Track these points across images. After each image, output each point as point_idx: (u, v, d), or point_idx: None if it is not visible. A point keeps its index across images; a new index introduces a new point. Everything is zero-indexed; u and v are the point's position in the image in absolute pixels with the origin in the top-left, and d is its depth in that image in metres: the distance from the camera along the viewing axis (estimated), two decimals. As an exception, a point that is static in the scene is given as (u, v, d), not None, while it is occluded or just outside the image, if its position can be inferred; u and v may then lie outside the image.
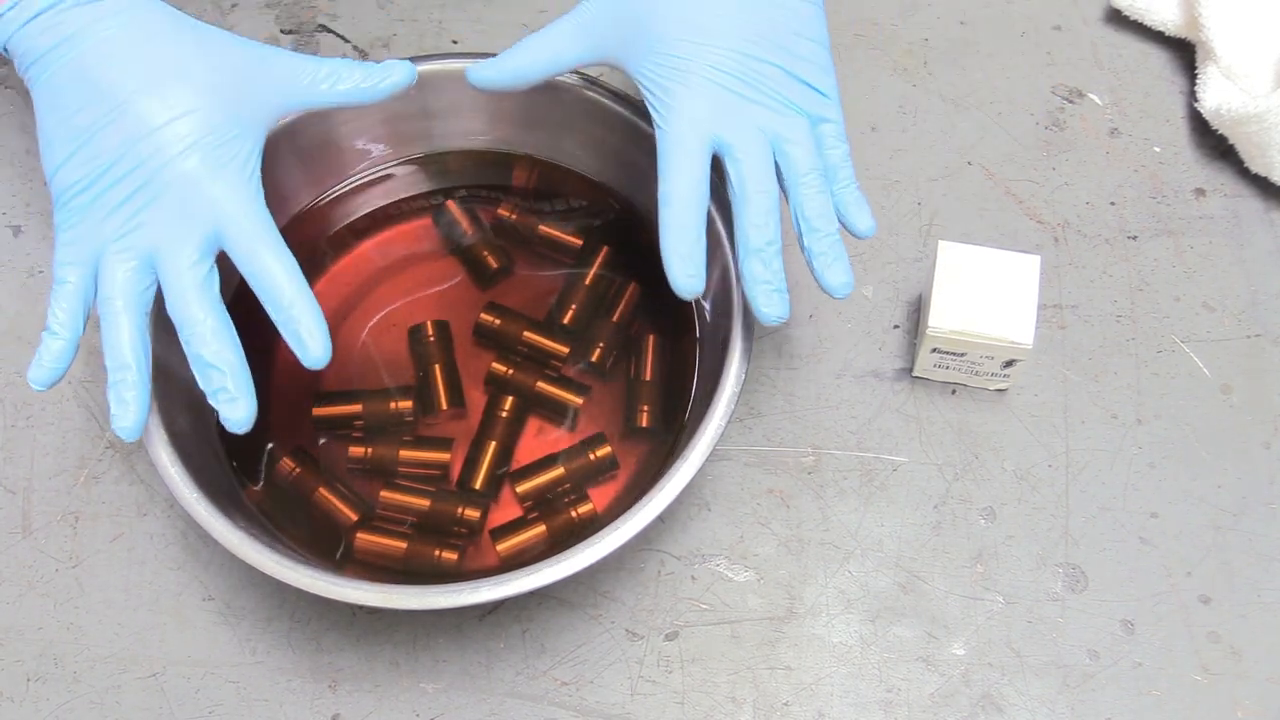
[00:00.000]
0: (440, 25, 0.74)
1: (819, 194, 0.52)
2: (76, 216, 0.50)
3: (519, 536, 0.57)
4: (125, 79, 0.49)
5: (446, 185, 0.66)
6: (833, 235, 0.53)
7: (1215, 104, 0.67)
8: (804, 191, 0.52)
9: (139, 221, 0.49)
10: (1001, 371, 0.61)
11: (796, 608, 0.59)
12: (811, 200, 0.52)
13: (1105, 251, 0.67)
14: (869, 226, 0.54)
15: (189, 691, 0.58)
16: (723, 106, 0.51)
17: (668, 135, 0.52)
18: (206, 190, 0.49)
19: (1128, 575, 0.60)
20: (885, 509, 0.61)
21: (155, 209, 0.49)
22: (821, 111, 0.53)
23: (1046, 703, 0.57)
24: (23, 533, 0.61)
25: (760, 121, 0.52)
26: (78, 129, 0.49)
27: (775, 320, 0.52)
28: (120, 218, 0.49)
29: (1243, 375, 0.64)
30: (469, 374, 0.61)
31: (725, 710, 0.57)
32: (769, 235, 0.51)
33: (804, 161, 0.52)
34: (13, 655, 0.58)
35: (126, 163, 0.49)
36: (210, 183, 0.49)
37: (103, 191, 0.49)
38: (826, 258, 0.52)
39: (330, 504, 0.58)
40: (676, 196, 0.51)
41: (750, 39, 0.52)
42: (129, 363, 0.50)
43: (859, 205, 0.54)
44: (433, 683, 0.58)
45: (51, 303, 0.50)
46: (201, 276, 0.50)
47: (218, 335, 0.49)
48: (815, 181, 0.52)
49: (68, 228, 0.50)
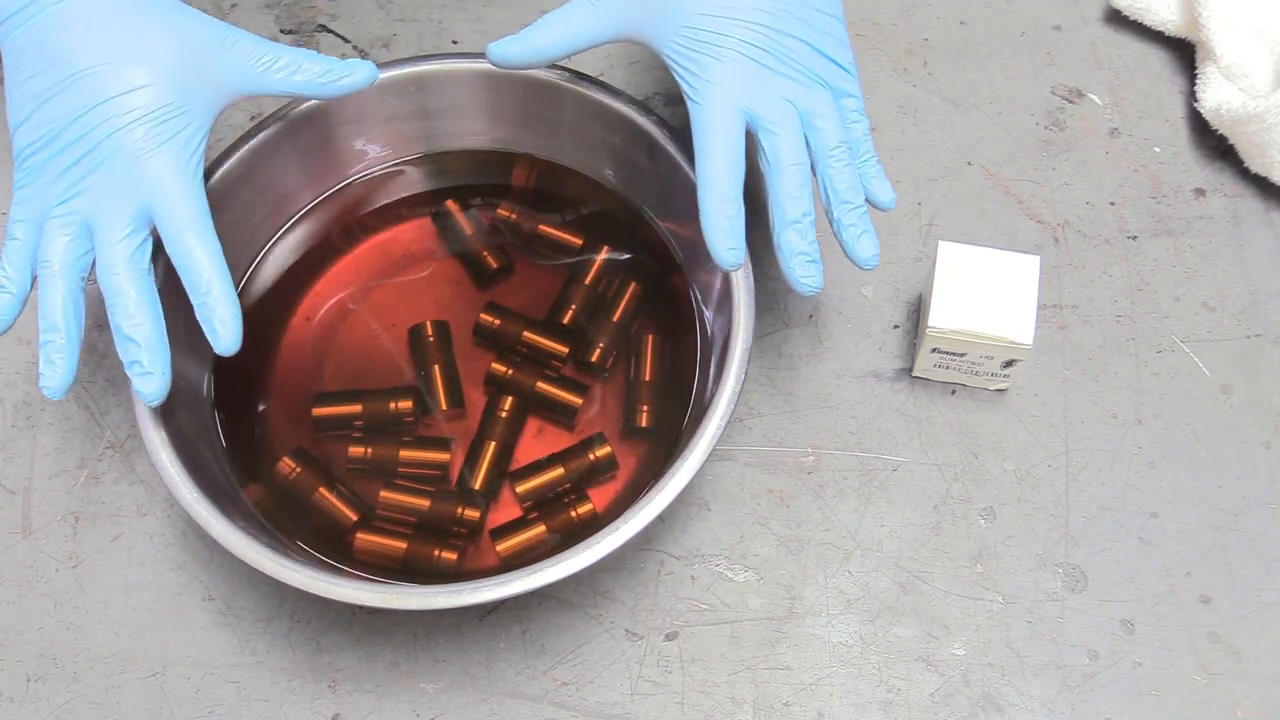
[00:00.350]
0: (440, 25, 0.74)
1: (847, 167, 0.53)
2: (29, 176, 0.51)
3: (519, 536, 0.58)
4: (83, 47, 0.50)
5: (446, 185, 0.66)
6: (861, 208, 0.54)
7: (1215, 104, 0.67)
8: (833, 165, 0.53)
9: (81, 189, 0.50)
10: (1001, 371, 0.61)
11: (796, 608, 0.59)
12: (840, 173, 0.53)
13: (1105, 251, 0.67)
14: (890, 199, 0.55)
15: (189, 691, 0.58)
16: (754, 80, 0.52)
17: (703, 110, 0.52)
18: (144, 165, 0.50)
19: (1128, 575, 0.60)
20: (885, 509, 0.61)
21: (96, 178, 0.50)
22: (843, 85, 0.54)
23: (1046, 703, 0.57)
24: (23, 533, 0.61)
25: (789, 94, 0.53)
26: (35, 93, 0.50)
27: (811, 290, 0.53)
28: (65, 183, 0.51)
29: (1243, 375, 0.64)
30: (469, 374, 0.61)
31: (725, 710, 0.57)
32: (805, 207, 0.52)
33: (832, 135, 0.53)
34: (13, 655, 0.58)
35: (75, 130, 0.50)
36: (149, 157, 0.50)
37: (53, 155, 0.50)
38: (855, 229, 0.54)
39: (330, 504, 0.58)
40: (716, 170, 0.52)
41: (773, 12, 0.52)
42: (59, 325, 0.51)
43: (880, 179, 0.55)
44: (433, 683, 0.58)
45: (2, 258, 0.52)
46: (132, 249, 0.51)
47: (140, 308, 0.50)
48: (843, 155, 0.53)
49: (21, 186, 0.51)
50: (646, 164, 0.61)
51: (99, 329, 0.66)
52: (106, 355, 0.65)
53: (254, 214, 0.62)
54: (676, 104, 0.70)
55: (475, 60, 0.62)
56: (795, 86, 0.53)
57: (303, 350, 0.62)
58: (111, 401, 0.64)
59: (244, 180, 0.60)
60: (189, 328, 0.59)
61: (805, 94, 0.53)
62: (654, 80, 0.71)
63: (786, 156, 0.52)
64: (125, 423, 0.63)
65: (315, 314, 0.63)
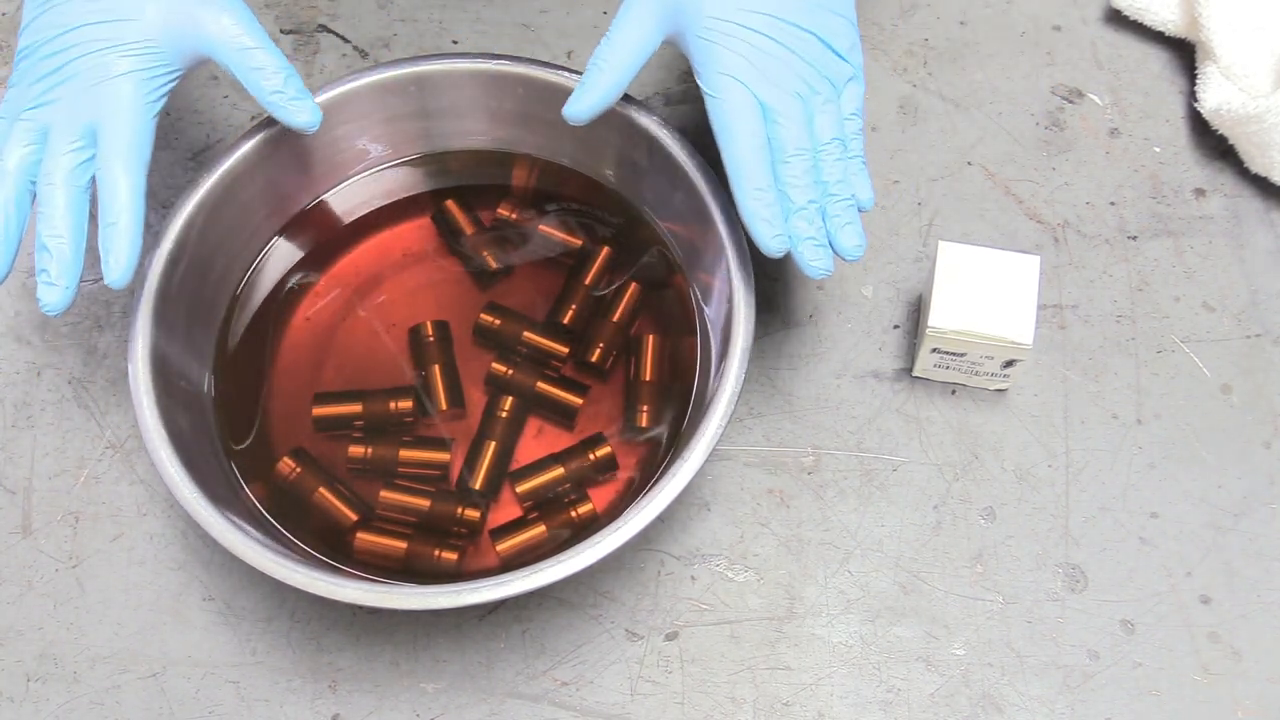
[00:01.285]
0: (440, 25, 0.74)
1: (838, 161, 0.55)
2: (18, 77, 0.54)
3: (519, 536, 0.57)
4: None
5: (446, 185, 0.66)
6: (848, 200, 0.55)
7: (1215, 104, 0.67)
8: (824, 158, 0.54)
9: (50, 99, 0.53)
10: (1001, 371, 0.61)
11: (796, 608, 0.59)
12: (830, 166, 0.54)
13: (1105, 251, 0.67)
14: (870, 199, 0.56)
15: (189, 691, 0.58)
16: (764, 70, 0.53)
17: (720, 101, 0.53)
18: (106, 87, 0.52)
19: (1128, 575, 0.60)
20: (885, 509, 0.61)
21: (64, 90, 0.52)
22: (846, 83, 0.56)
23: (1046, 703, 0.57)
24: (23, 533, 0.61)
25: (796, 86, 0.54)
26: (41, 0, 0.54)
27: (822, 273, 0.54)
28: (39, 89, 0.53)
29: (1243, 375, 0.64)
30: (469, 374, 0.61)
31: (725, 710, 0.57)
32: (811, 194, 0.54)
33: (828, 129, 0.54)
34: (13, 655, 0.58)
35: (60, 42, 0.53)
36: (112, 82, 0.52)
37: (38, 60, 0.53)
38: (840, 220, 0.54)
39: (330, 504, 0.58)
40: (744, 161, 0.53)
41: (787, 8, 0.54)
42: None
43: (862, 178, 0.56)
44: (433, 683, 0.58)
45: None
46: (74, 164, 0.52)
47: (63, 220, 0.52)
48: (836, 150, 0.55)
49: (11, 85, 0.54)
50: (646, 164, 0.61)
51: (98, 329, 0.66)
52: (107, 355, 0.65)
53: (254, 214, 0.62)
54: (676, 104, 0.70)
55: (475, 60, 0.62)
56: (802, 79, 0.54)
57: (303, 350, 0.62)
58: (111, 401, 0.64)
59: (244, 180, 0.60)
60: (190, 328, 0.59)
61: (810, 87, 0.54)
62: (654, 80, 0.71)
63: (792, 145, 0.53)
64: (125, 423, 0.63)
65: (315, 314, 0.63)
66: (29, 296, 0.66)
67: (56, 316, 0.52)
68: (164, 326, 0.56)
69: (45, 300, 0.52)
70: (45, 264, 0.52)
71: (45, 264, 0.52)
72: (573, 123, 0.56)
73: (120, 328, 0.66)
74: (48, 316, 0.53)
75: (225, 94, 0.71)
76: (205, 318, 0.61)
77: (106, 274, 0.52)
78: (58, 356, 0.65)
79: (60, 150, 0.52)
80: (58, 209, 0.52)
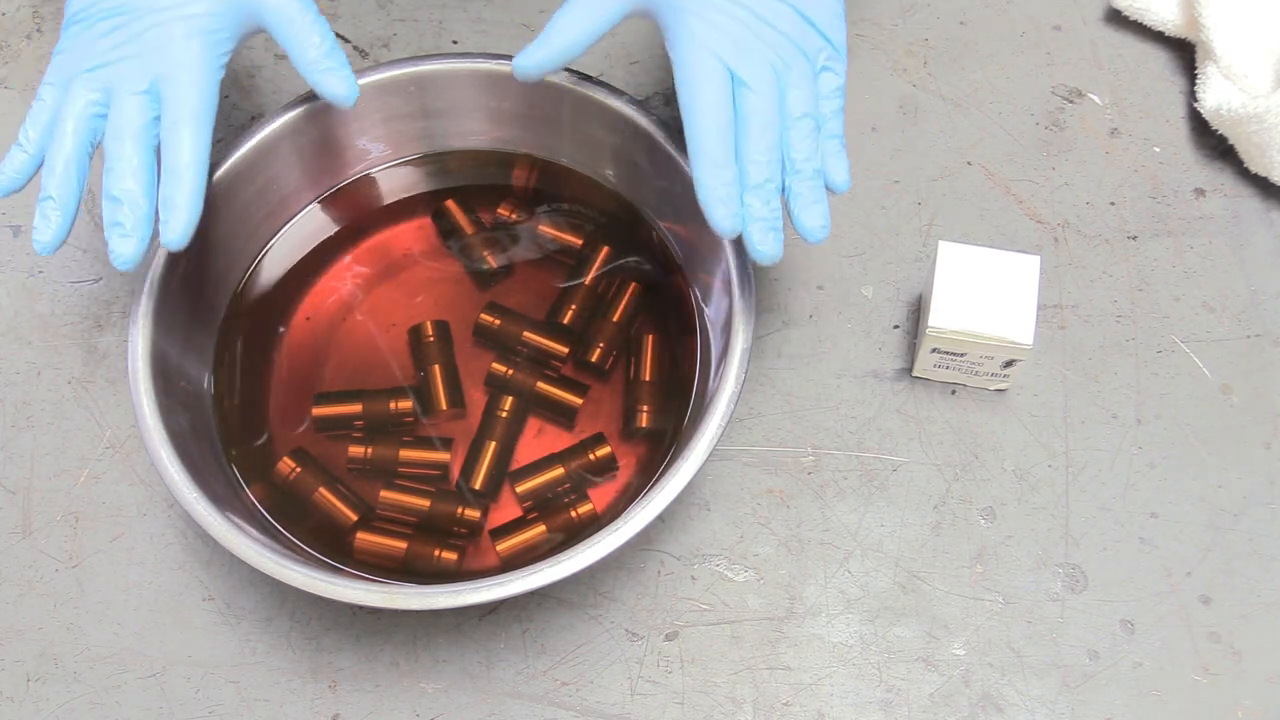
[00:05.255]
0: (440, 25, 0.74)
1: (807, 138, 0.52)
2: (69, 43, 0.54)
3: (519, 536, 0.58)
4: None
5: (446, 185, 0.66)
6: (815, 179, 0.53)
7: (1215, 104, 0.67)
8: (794, 133, 0.52)
9: (111, 58, 0.52)
10: (1001, 371, 0.61)
11: (796, 608, 0.59)
12: (800, 143, 0.52)
13: (1105, 251, 0.67)
14: (844, 181, 0.54)
15: (189, 691, 0.58)
16: (736, 40, 0.52)
17: (686, 69, 0.52)
18: (174, 49, 0.52)
19: (1128, 575, 0.60)
20: (885, 509, 0.61)
21: (128, 49, 0.52)
22: (827, 61, 0.54)
23: (1046, 703, 0.57)
24: (23, 533, 0.61)
25: (770, 59, 0.52)
26: None
27: (769, 259, 0.52)
28: (99, 49, 0.53)
29: (1243, 375, 0.64)
30: (469, 374, 0.61)
31: (725, 710, 0.57)
32: (768, 173, 0.51)
33: (799, 105, 0.53)
34: (13, 655, 0.58)
35: (123, 3, 0.53)
36: (181, 43, 0.52)
37: (94, 22, 0.53)
38: (804, 199, 0.52)
39: (330, 504, 0.58)
40: (704, 131, 0.51)
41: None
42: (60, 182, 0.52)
43: (838, 158, 0.54)
44: (433, 683, 0.58)
45: (26, 119, 0.54)
46: (145, 120, 0.52)
47: (136, 175, 0.52)
48: (807, 126, 0.52)
49: (59, 52, 0.54)
50: (646, 164, 0.61)
51: (98, 329, 0.66)
52: (107, 355, 0.65)
53: (254, 214, 0.62)
54: (676, 103, 0.70)
55: (475, 60, 0.62)
56: (776, 52, 0.52)
57: (303, 350, 0.62)
58: (111, 401, 0.64)
59: (244, 180, 0.60)
60: (190, 328, 0.59)
61: (785, 61, 0.53)
62: (654, 80, 0.71)
63: (757, 117, 0.51)
64: (125, 423, 0.63)
65: (315, 314, 0.63)
66: (30, 296, 0.66)
67: (130, 270, 0.52)
68: (164, 326, 0.56)
69: (121, 252, 0.52)
70: (119, 217, 0.51)
71: (119, 217, 0.51)
72: (520, 78, 0.55)
73: (120, 328, 0.66)
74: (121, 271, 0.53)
75: (225, 94, 0.71)
76: (205, 318, 0.61)
77: (165, 234, 0.52)
78: (58, 356, 0.65)
79: (130, 107, 0.52)
80: (129, 163, 0.51)
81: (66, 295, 0.67)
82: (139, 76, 0.52)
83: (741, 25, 0.52)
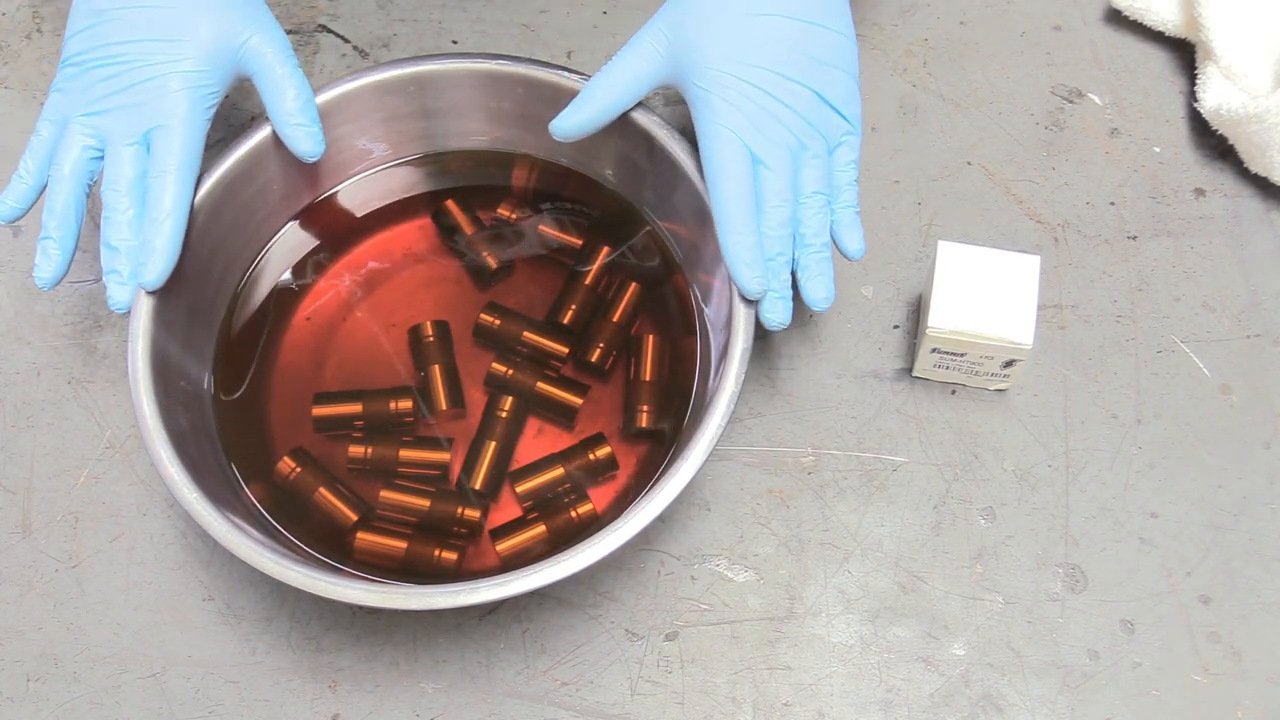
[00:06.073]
0: (440, 25, 0.74)
1: (818, 213, 0.56)
2: (67, 82, 0.57)
3: (519, 536, 0.58)
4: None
5: (446, 185, 0.66)
6: (823, 252, 0.56)
7: (1215, 104, 0.67)
8: (805, 210, 0.56)
9: (106, 106, 0.56)
10: (1001, 371, 0.61)
11: (796, 608, 0.59)
12: (811, 218, 0.56)
13: (1105, 251, 0.67)
14: (858, 250, 0.58)
15: (189, 691, 0.58)
16: (755, 121, 0.55)
17: (710, 146, 0.55)
18: (166, 103, 0.55)
19: (1128, 575, 0.60)
20: (885, 509, 0.61)
21: (123, 98, 0.56)
22: (842, 137, 0.57)
23: (1046, 703, 0.57)
24: (23, 533, 0.61)
25: (786, 139, 0.56)
26: (97, 10, 0.56)
27: (777, 326, 0.56)
28: (94, 95, 0.56)
29: (1243, 375, 0.64)
30: (469, 374, 0.61)
31: (725, 710, 0.57)
32: (780, 247, 0.55)
33: (813, 182, 0.56)
34: (13, 655, 0.58)
35: (119, 53, 0.56)
36: (172, 98, 0.56)
37: (91, 68, 0.56)
38: (811, 271, 0.56)
39: (330, 504, 0.58)
40: (730, 206, 0.55)
41: (786, 63, 0.56)
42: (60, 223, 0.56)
43: (853, 228, 0.58)
44: (433, 683, 0.58)
45: (26, 151, 0.57)
46: (138, 173, 0.56)
47: (131, 226, 0.55)
48: (818, 202, 0.56)
49: (57, 90, 0.57)
50: (646, 164, 0.61)
51: (98, 329, 0.66)
52: (107, 355, 0.65)
53: (254, 214, 0.62)
54: (676, 104, 0.70)
55: (475, 60, 0.62)
56: (792, 132, 0.56)
57: (303, 350, 0.62)
58: (112, 401, 0.64)
59: (244, 180, 0.60)
60: (190, 328, 0.59)
61: (801, 140, 0.56)
62: (654, 80, 0.71)
63: (773, 196, 0.55)
64: (125, 423, 0.63)
65: (315, 314, 0.63)
66: (29, 296, 0.66)
67: (124, 312, 0.55)
68: (164, 326, 0.56)
69: (117, 298, 0.55)
70: (116, 265, 0.55)
71: (116, 265, 0.55)
72: (558, 138, 0.59)
73: (120, 328, 0.66)
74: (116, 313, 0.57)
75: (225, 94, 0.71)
76: (205, 318, 0.61)
77: (142, 277, 0.55)
78: (58, 356, 0.65)
79: (125, 159, 0.55)
80: (125, 215, 0.55)
81: (66, 295, 0.67)
82: (133, 128, 0.55)
83: (760, 108, 0.55)
